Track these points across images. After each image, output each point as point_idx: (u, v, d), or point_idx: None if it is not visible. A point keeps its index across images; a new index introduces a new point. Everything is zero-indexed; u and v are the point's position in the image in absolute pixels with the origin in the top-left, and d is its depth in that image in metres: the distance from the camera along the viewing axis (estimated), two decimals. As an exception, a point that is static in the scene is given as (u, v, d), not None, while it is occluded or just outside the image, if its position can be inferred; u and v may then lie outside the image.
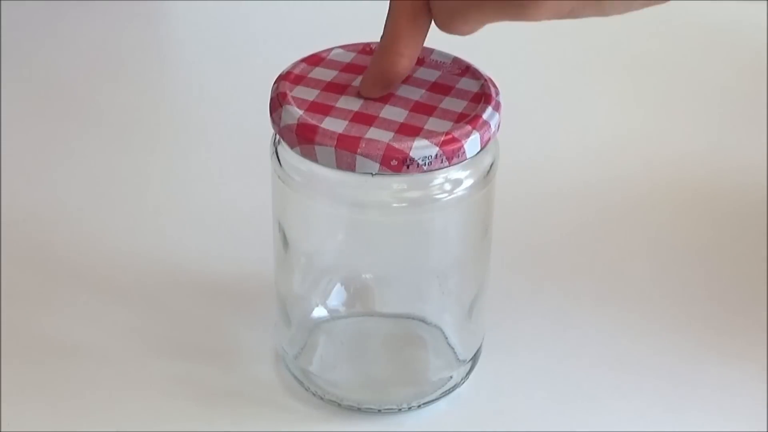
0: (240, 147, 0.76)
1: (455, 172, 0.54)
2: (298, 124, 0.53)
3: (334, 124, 0.53)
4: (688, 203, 0.73)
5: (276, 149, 0.56)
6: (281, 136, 0.54)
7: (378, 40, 0.56)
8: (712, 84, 0.85)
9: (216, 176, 0.75)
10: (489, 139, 0.54)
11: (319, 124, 0.53)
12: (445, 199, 0.55)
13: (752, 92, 0.83)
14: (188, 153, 0.77)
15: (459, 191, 0.55)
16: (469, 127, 0.53)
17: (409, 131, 0.53)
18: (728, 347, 0.64)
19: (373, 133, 0.52)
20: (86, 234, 0.70)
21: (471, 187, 0.55)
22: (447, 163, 0.52)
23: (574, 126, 0.80)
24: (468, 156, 0.53)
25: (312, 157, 0.53)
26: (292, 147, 0.53)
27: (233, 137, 0.78)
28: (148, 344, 0.63)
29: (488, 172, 0.56)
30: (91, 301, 0.65)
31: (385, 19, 0.55)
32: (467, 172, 0.55)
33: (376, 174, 0.52)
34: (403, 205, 0.55)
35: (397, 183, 0.54)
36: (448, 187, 0.54)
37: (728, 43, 0.88)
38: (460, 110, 0.54)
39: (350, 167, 0.52)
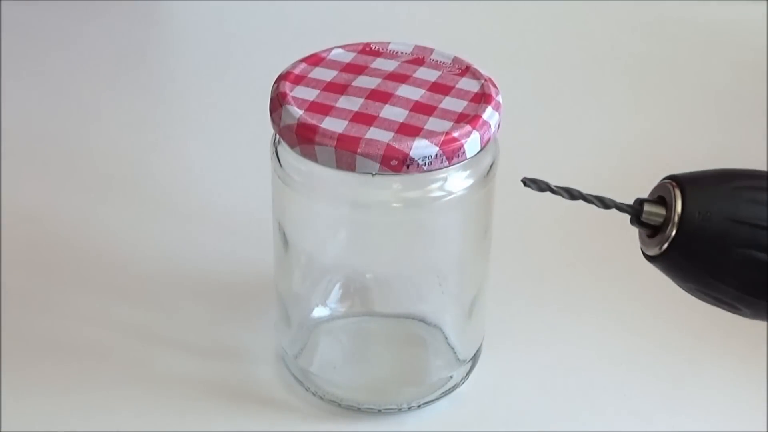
0: (240, 147, 0.76)
1: (455, 172, 0.54)
2: (298, 124, 0.53)
3: (334, 124, 0.53)
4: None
5: (276, 149, 0.56)
6: (281, 136, 0.54)
7: (378, 40, 0.57)
8: (712, 84, 0.84)
9: (216, 176, 0.75)
10: (489, 139, 0.54)
11: (319, 124, 0.53)
12: (445, 199, 0.55)
13: (752, 92, 0.83)
14: (188, 153, 0.78)
15: (459, 191, 0.55)
16: (469, 127, 0.53)
17: (409, 131, 0.53)
18: (728, 347, 0.64)
19: (373, 133, 0.52)
20: (86, 234, 0.70)
21: (471, 187, 0.55)
22: (447, 163, 0.52)
23: (574, 126, 0.80)
24: (468, 156, 0.53)
25: (312, 157, 0.53)
26: (292, 147, 0.53)
27: (233, 137, 0.78)
28: (148, 344, 0.63)
29: (488, 172, 0.56)
30: (91, 301, 0.65)
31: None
32: (467, 172, 0.55)
33: (376, 174, 0.52)
34: (403, 205, 0.55)
35: (397, 183, 0.54)
36: (448, 187, 0.54)
37: (728, 43, 0.88)
38: (460, 110, 0.54)
39: (350, 167, 0.52)
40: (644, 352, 0.64)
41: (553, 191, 0.47)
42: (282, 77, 0.56)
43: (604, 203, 0.47)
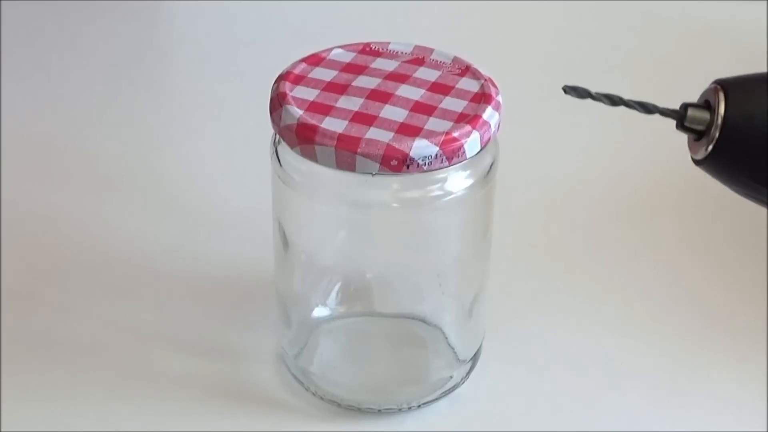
0: (240, 147, 0.76)
1: (455, 172, 0.54)
2: (298, 124, 0.53)
3: (334, 124, 0.53)
4: (689, 203, 0.73)
5: (276, 149, 0.56)
6: (281, 136, 0.54)
7: (378, 39, 0.56)
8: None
9: (216, 176, 0.75)
10: (489, 139, 0.54)
11: (319, 124, 0.53)
12: (445, 199, 0.55)
13: (752, 92, 0.83)
14: (188, 153, 0.77)
15: (459, 191, 0.55)
16: (469, 127, 0.53)
17: (409, 131, 0.53)
18: (728, 347, 0.64)
19: (373, 133, 0.52)
20: (86, 234, 0.70)
21: (471, 187, 0.55)
22: (447, 163, 0.52)
23: (573, 126, 0.80)
24: (468, 156, 0.53)
25: (312, 157, 0.53)
26: (292, 147, 0.53)
27: (233, 137, 0.78)
28: (148, 344, 0.63)
29: (488, 172, 0.56)
30: (91, 301, 0.65)
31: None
32: (467, 172, 0.55)
33: (376, 174, 0.52)
34: (403, 205, 0.55)
35: (397, 183, 0.54)
36: (448, 187, 0.54)
37: (728, 43, 0.88)
38: (460, 110, 0.54)
39: (350, 167, 0.52)
40: (644, 352, 0.63)
41: (593, 98, 0.47)
42: (282, 77, 0.56)
43: (646, 108, 0.47)
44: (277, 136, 0.56)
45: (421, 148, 0.52)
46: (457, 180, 0.54)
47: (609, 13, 0.92)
